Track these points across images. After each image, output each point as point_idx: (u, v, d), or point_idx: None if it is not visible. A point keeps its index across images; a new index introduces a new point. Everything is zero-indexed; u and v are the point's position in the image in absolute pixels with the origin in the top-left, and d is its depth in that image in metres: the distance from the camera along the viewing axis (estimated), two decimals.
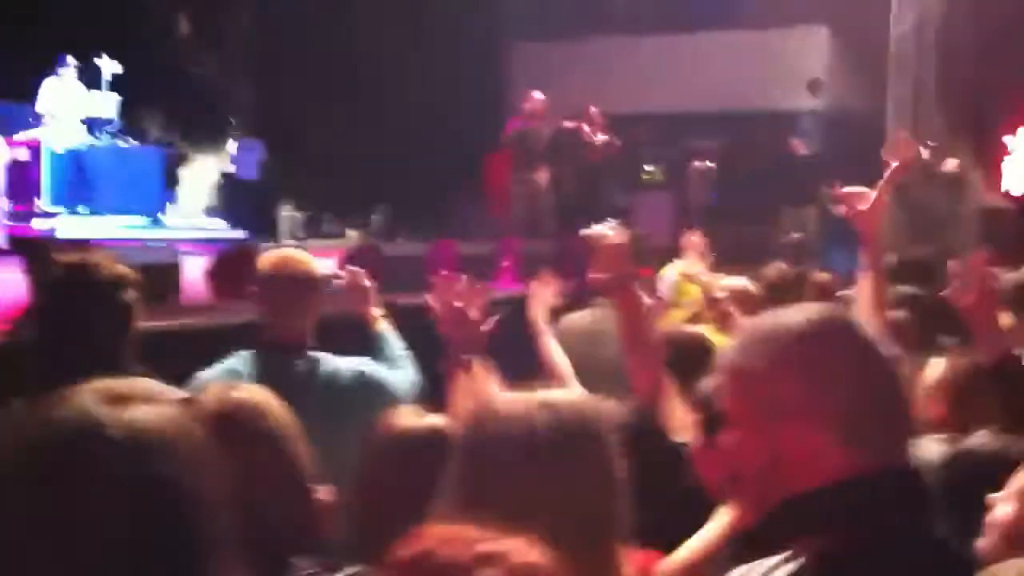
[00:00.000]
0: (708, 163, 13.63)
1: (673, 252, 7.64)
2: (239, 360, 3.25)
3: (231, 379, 2.96)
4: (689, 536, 2.38)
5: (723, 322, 4.04)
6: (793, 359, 1.50)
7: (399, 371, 3.47)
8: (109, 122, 10.48)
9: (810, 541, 1.47)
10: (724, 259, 6.38)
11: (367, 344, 3.58)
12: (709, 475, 2.35)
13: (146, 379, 2.37)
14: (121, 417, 1.25)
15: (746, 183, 12.82)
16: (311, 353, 3.32)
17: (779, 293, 4.77)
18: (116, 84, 10.56)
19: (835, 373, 1.49)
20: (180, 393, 2.17)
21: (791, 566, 1.50)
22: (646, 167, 14.45)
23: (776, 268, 5.39)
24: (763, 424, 1.49)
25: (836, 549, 1.44)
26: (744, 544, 1.59)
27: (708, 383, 2.20)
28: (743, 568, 1.60)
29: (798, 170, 12.01)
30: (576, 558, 1.38)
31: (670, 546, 2.33)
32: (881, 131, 11.19)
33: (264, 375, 3.01)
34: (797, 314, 1.57)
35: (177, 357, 3.20)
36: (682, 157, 13.95)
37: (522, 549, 1.24)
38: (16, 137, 9.84)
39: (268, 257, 3.42)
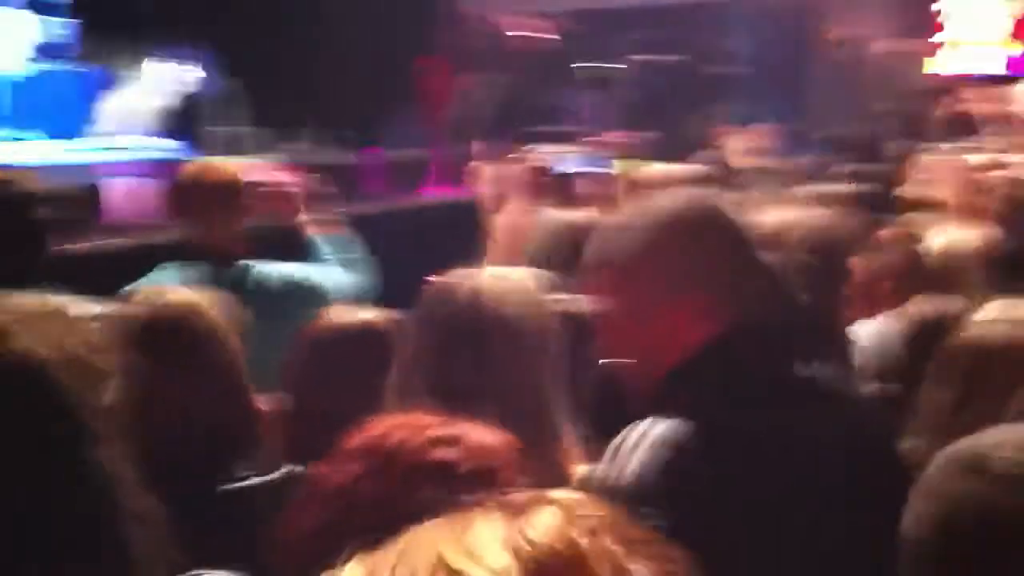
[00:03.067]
0: (645, 57, 13.56)
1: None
2: (165, 273, 3.20)
3: None
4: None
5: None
6: (659, 243, 1.61)
7: (333, 273, 3.45)
8: (33, 43, 10.14)
9: (682, 400, 1.56)
10: (661, 153, 6.36)
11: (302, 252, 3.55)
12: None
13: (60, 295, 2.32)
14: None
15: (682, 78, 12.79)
16: (240, 261, 3.28)
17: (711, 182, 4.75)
18: (36, 4, 10.21)
19: (700, 249, 1.61)
20: (98, 307, 2.12)
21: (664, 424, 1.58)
22: (582, 65, 14.34)
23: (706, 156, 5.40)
24: (643, 307, 1.60)
25: (698, 403, 1.55)
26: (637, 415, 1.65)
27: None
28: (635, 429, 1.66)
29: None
30: (526, 443, 1.36)
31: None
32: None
33: (193, 285, 2.97)
34: (659, 201, 1.68)
35: (102, 277, 3.14)
36: (617, 54, 13.87)
37: (477, 431, 1.23)
38: None
39: (189, 168, 3.38)
